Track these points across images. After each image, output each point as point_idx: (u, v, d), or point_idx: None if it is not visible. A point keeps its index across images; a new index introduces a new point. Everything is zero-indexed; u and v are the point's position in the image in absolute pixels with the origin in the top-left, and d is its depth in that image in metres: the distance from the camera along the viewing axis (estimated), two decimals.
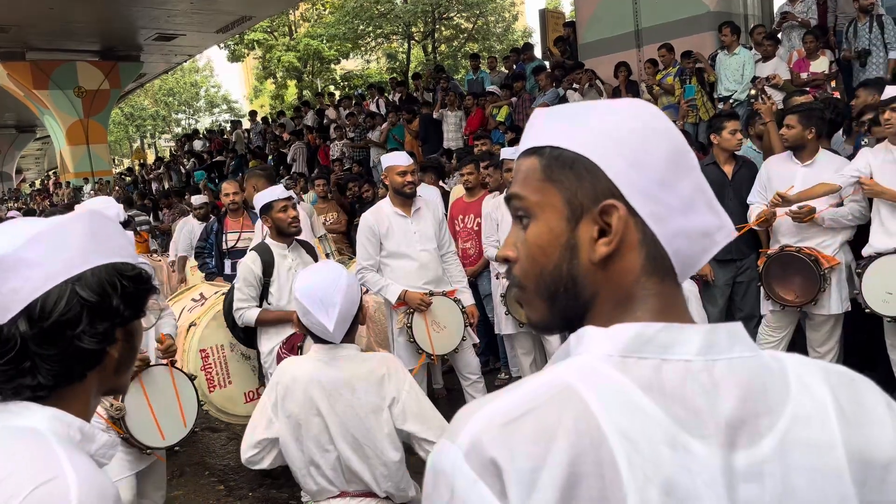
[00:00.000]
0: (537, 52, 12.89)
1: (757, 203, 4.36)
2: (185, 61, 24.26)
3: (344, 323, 2.19)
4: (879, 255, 3.83)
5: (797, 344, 4.39)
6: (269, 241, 3.87)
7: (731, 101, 7.52)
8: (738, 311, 4.80)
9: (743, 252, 4.63)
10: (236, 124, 18.41)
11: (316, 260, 4.01)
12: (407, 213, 4.23)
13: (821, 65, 7.15)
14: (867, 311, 3.82)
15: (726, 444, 0.66)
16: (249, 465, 2.30)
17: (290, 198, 3.85)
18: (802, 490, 0.66)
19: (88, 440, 0.98)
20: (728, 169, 4.56)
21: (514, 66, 11.55)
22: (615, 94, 9.25)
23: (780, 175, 4.22)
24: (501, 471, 0.63)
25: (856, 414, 0.71)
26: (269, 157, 14.25)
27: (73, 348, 0.95)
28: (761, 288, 4.24)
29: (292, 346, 3.56)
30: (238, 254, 5.53)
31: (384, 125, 11.44)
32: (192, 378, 3.24)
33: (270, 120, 16.97)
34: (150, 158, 27.71)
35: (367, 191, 7.81)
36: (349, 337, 2.26)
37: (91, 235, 1.00)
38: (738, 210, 4.44)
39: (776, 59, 7.36)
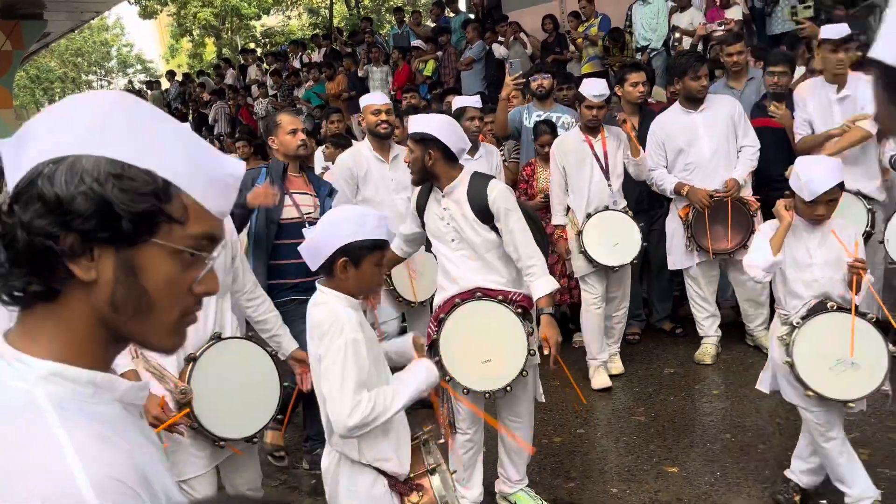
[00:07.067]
0: (461, 6, 12.78)
1: (657, 168, 4.32)
2: (93, 19, 22.79)
3: (314, 252, 2.06)
4: None
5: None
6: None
7: (648, 50, 7.69)
8: (653, 261, 4.82)
9: (655, 202, 4.68)
10: (153, 85, 17.58)
11: None
12: (385, 159, 4.22)
13: (734, 12, 7.36)
14: None
15: None
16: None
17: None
18: None
19: (106, 391, 0.82)
20: (633, 122, 4.47)
21: (439, 20, 11.45)
22: (543, 47, 9.29)
23: (678, 129, 4.26)
24: None
25: None
26: (189, 119, 13.75)
27: (14, 237, 0.78)
28: (687, 240, 4.26)
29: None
30: None
31: (308, 83, 11.19)
32: (272, 354, 2.72)
33: (191, 78, 16.30)
34: None
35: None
36: (329, 281, 2.10)
37: (104, 120, 0.80)
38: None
39: (692, 9, 7.55)
